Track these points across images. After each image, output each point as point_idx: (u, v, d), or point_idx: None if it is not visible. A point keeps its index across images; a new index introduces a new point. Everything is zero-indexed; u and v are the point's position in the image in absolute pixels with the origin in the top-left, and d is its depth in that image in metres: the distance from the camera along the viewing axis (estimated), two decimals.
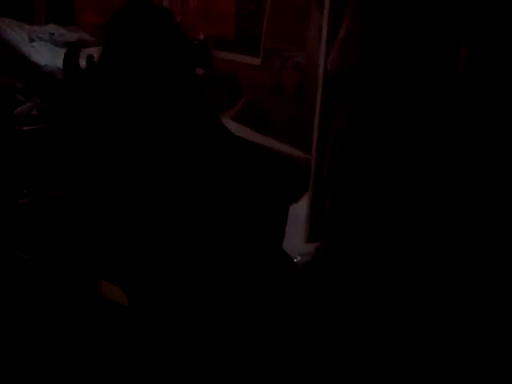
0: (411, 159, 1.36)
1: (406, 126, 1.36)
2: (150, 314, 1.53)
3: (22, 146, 2.85)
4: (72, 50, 1.79)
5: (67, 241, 1.76)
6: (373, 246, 1.46)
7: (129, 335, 1.54)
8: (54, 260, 1.79)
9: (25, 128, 2.99)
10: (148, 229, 1.46)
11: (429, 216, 1.40)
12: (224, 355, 1.43)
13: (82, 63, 1.71)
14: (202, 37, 3.35)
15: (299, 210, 2.52)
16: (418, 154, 1.36)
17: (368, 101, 1.40)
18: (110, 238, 1.62)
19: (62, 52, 3.26)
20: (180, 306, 1.49)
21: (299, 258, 2.43)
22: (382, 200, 1.42)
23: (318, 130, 2.27)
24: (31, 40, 3.32)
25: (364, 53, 1.40)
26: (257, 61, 3.22)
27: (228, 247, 1.50)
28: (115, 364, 1.48)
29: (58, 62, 3.21)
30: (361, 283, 1.49)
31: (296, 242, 2.41)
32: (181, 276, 1.51)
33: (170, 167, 1.52)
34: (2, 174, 2.49)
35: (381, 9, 1.39)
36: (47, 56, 3.24)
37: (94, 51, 1.72)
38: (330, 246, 1.55)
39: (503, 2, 1.19)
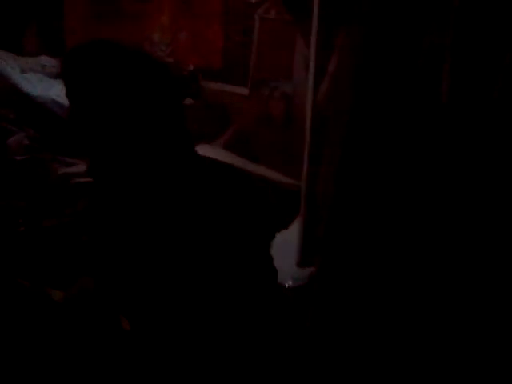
0: (403, 190, 1.45)
1: (397, 157, 1.45)
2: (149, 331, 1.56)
3: (16, 175, 2.89)
4: None
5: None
6: (369, 268, 1.53)
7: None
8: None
9: (17, 158, 3.03)
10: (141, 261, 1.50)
11: (425, 245, 1.47)
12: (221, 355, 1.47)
13: None
14: (191, 67, 3.44)
15: (290, 236, 2.59)
16: (409, 186, 1.45)
17: (360, 135, 1.50)
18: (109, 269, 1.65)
19: (54, 83, 3.36)
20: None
21: (291, 283, 2.50)
22: (375, 230, 1.50)
23: (308, 159, 2.35)
24: (23, 71, 3.38)
25: (353, 87, 1.50)
26: (245, 91, 3.33)
27: (215, 271, 1.52)
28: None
29: (51, 93, 3.29)
30: (359, 304, 1.56)
31: (288, 267, 2.46)
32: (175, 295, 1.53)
33: (151, 201, 1.54)
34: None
35: (369, 47, 1.49)
36: (40, 87, 3.31)
37: None
38: (325, 269, 1.62)
39: (480, 42, 1.31)
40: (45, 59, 3.53)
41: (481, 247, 1.39)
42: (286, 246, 2.44)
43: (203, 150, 1.86)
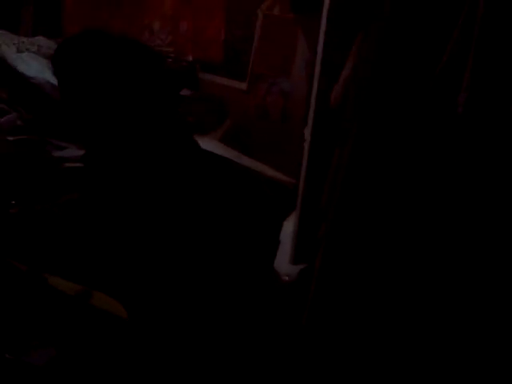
0: (414, 198, 1.47)
1: (409, 165, 1.47)
2: (149, 323, 1.56)
3: (7, 155, 2.84)
4: None
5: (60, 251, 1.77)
6: (372, 271, 1.55)
7: (127, 345, 1.57)
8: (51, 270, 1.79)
9: (10, 138, 2.98)
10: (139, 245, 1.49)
11: (429, 250, 1.49)
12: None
13: None
14: (190, 59, 3.43)
15: (284, 233, 2.60)
16: (420, 194, 1.47)
17: (371, 139, 1.51)
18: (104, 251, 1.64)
19: (49, 65, 3.30)
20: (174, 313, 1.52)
21: (287, 277, 2.51)
22: (382, 239, 1.52)
23: (307, 159, 2.36)
24: (19, 51, 3.32)
25: (369, 92, 1.51)
26: (243, 85, 3.33)
27: (219, 260, 1.52)
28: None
29: (46, 75, 3.24)
30: (360, 306, 1.58)
31: (280, 261, 2.48)
32: (174, 287, 1.53)
33: (150, 188, 1.54)
34: None
35: (386, 53, 1.50)
36: (35, 68, 3.25)
37: None
38: (325, 272, 1.64)
39: (503, 56, 1.33)
40: (41, 40, 3.47)
41: (483, 250, 1.42)
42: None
43: (199, 142, 1.86)
